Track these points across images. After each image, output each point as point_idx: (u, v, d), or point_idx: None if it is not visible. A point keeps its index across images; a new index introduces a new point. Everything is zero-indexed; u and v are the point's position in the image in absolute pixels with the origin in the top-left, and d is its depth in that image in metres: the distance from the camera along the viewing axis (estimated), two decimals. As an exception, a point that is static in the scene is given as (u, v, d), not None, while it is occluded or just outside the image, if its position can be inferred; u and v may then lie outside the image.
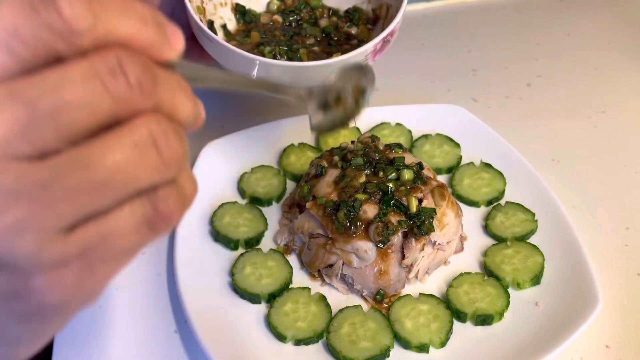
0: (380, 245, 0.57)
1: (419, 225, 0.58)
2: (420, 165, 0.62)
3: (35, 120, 0.22)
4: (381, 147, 0.64)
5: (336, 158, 0.63)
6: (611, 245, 0.65)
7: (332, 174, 0.62)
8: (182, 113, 0.27)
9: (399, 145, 0.64)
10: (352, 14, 0.72)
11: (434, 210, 0.59)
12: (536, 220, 0.64)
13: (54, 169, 0.23)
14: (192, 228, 0.64)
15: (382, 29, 0.63)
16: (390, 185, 0.59)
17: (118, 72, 0.24)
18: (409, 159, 0.64)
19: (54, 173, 0.23)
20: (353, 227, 0.58)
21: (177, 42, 0.27)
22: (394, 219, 0.58)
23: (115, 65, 0.24)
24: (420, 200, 0.59)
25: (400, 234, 0.58)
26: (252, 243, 0.64)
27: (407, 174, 0.60)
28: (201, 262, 0.62)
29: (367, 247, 0.57)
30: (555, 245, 0.62)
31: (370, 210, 0.58)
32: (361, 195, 0.59)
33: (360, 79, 0.50)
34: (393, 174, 0.60)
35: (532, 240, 0.63)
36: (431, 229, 0.58)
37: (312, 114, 0.48)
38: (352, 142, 0.66)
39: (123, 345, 0.57)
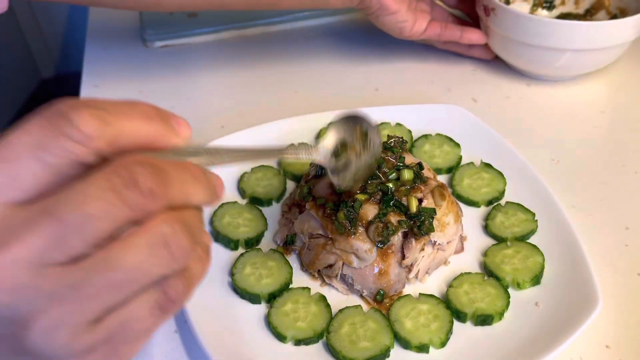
0: (380, 245, 0.57)
1: (419, 226, 0.58)
2: (420, 166, 0.62)
3: (66, 233, 0.27)
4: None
5: (336, 158, 0.63)
6: (611, 245, 0.65)
7: (332, 174, 0.62)
8: (195, 199, 0.31)
9: (401, 140, 0.64)
10: None
11: (434, 211, 0.59)
12: (536, 220, 0.64)
13: (83, 272, 0.28)
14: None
15: None
16: (390, 185, 0.59)
17: (131, 184, 0.28)
18: (409, 159, 0.64)
19: (83, 275, 0.28)
20: (353, 227, 0.58)
21: (183, 130, 0.33)
22: (394, 219, 0.58)
23: (128, 178, 0.28)
24: (420, 200, 0.59)
25: (400, 234, 0.58)
26: (252, 243, 0.64)
27: (407, 174, 0.60)
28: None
29: (367, 248, 0.57)
30: (556, 245, 0.62)
31: (370, 211, 0.58)
32: (361, 196, 0.59)
33: (356, 124, 0.53)
34: (393, 174, 0.60)
35: (532, 240, 0.63)
36: (431, 229, 0.58)
37: (330, 173, 0.51)
38: (353, 142, 0.65)
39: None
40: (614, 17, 0.83)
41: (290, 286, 0.60)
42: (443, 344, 0.55)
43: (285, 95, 0.89)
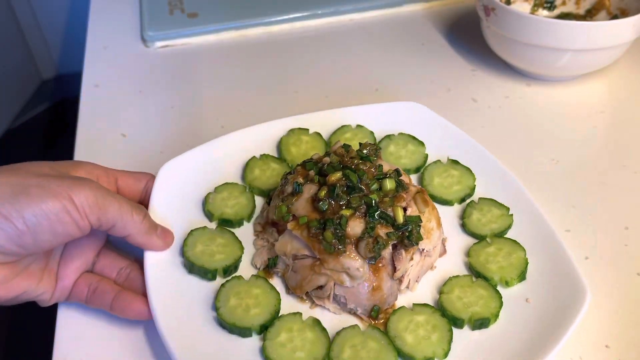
0: (372, 261, 0.56)
1: (408, 236, 0.56)
2: (397, 172, 0.61)
3: None
4: (353, 155, 0.62)
5: (312, 173, 0.60)
6: (611, 245, 0.65)
7: (309, 189, 0.60)
8: None
9: (375, 147, 0.62)
10: None
11: (419, 218, 0.58)
12: (511, 215, 0.65)
13: None
14: (162, 263, 0.59)
15: None
16: (374, 197, 0.57)
17: None
18: (385, 166, 0.62)
19: None
20: (342, 245, 0.55)
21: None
22: (381, 231, 0.56)
23: None
24: (404, 209, 0.58)
25: (390, 246, 0.56)
26: (230, 270, 0.60)
27: (390, 184, 0.58)
28: (179, 299, 0.57)
29: (358, 265, 0.55)
30: (533, 238, 0.63)
31: (357, 226, 0.56)
32: (346, 211, 0.56)
33: None
34: (375, 185, 0.58)
35: (510, 234, 0.64)
36: (420, 237, 0.57)
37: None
38: (327, 153, 0.63)
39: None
40: (614, 17, 0.83)
41: (280, 313, 0.57)
42: (446, 355, 0.54)
43: (284, 96, 0.87)
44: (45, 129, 1.88)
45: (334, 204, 0.57)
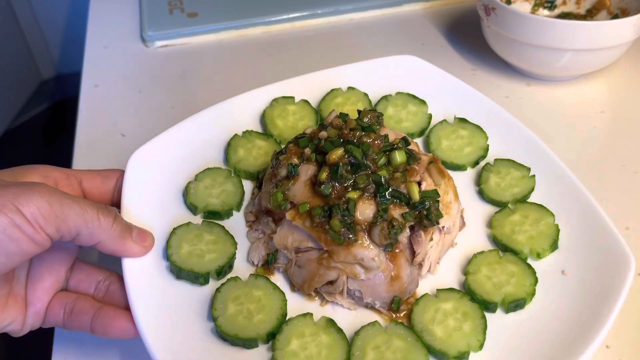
0: (388, 248, 0.48)
1: (427, 214, 0.49)
2: (405, 141, 0.53)
3: None
4: (353, 125, 0.53)
5: (307, 151, 0.52)
6: None
7: (307, 170, 0.51)
8: None
9: (377, 114, 0.54)
10: None
11: (436, 192, 0.50)
12: (533, 176, 0.58)
13: None
14: (145, 270, 0.51)
15: None
16: (383, 173, 0.49)
17: None
18: (391, 135, 0.54)
19: None
20: (352, 233, 0.48)
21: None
22: (395, 212, 0.49)
23: None
24: (419, 184, 0.50)
25: (407, 228, 0.49)
26: (224, 271, 0.52)
27: (400, 156, 0.50)
28: (168, 310, 0.49)
29: (373, 255, 0.48)
30: (560, 200, 0.56)
31: (367, 209, 0.48)
32: (353, 193, 0.48)
33: None
34: (382, 159, 0.50)
35: (534, 198, 0.57)
36: (439, 215, 0.50)
37: None
38: (321, 125, 0.54)
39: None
40: (615, 17, 0.82)
41: (287, 316, 0.50)
42: (482, 346, 0.48)
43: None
44: (45, 129, 1.88)
45: (337, 186, 0.49)
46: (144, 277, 0.50)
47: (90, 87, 0.83)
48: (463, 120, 0.63)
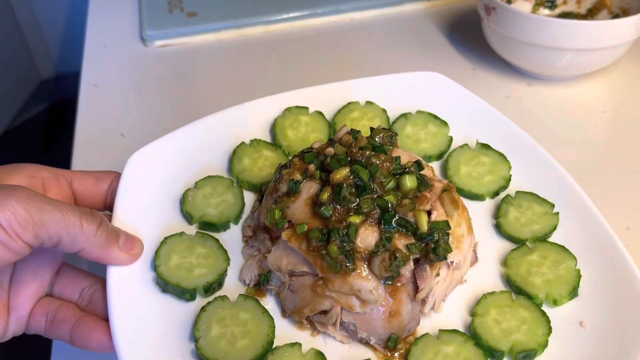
0: (388, 281, 0.44)
1: (434, 248, 0.45)
2: (419, 165, 0.49)
3: None
4: (364, 144, 0.49)
5: (312, 167, 0.48)
6: None
7: (309, 188, 0.48)
8: None
9: (390, 134, 0.50)
10: None
11: (447, 224, 0.46)
12: (557, 213, 0.53)
13: None
14: (129, 280, 0.48)
15: None
16: (390, 198, 0.45)
17: None
18: (403, 157, 0.50)
19: None
20: (350, 262, 0.44)
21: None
22: (400, 243, 0.45)
23: None
24: (428, 213, 0.46)
25: (411, 261, 0.45)
26: (213, 288, 0.49)
27: (410, 181, 0.46)
28: (149, 325, 0.46)
29: (371, 287, 0.44)
30: (585, 243, 0.51)
31: (369, 236, 0.44)
32: (355, 218, 0.45)
33: None
34: (391, 183, 0.46)
35: (555, 238, 0.52)
36: (448, 249, 0.45)
37: None
38: (330, 140, 0.51)
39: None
40: (615, 16, 0.82)
41: (275, 343, 0.46)
42: (483, 398, 0.43)
43: None
44: (44, 129, 1.90)
45: (339, 208, 0.45)
46: (128, 287, 0.47)
47: (90, 86, 0.83)
48: (486, 146, 0.59)
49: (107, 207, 0.52)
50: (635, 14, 0.71)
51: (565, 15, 0.85)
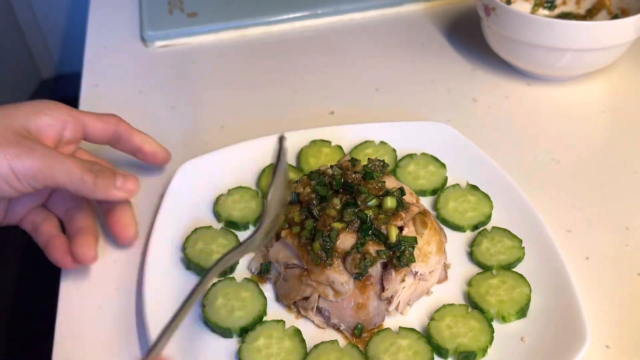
0: (357, 277, 0.55)
1: (399, 256, 0.55)
2: (402, 191, 0.59)
3: None
4: (359, 169, 0.61)
5: (313, 183, 0.60)
6: (611, 245, 0.63)
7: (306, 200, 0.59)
8: None
9: (382, 164, 0.61)
10: None
11: (414, 239, 0.56)
12: (523, 248, 0.62)
13: None
14: (163, 254, 0.61)
15: None
16: (369, 213, 0.56)
17: None
18: (390, 183, 0.61)
19: None
20: (329, 258, 0.55)
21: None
22: (372, 249, 0.55)
23: None
24: (400, 229, 0.56)
25: (379, 264, 0.55)
26: (226, 271, 0.61)
27: (390, 202, 0.57)
28: (171, 290, 0.59)
29: (343, 280, 0.55)
30: (543, 275, 0.59)
31: (348, 240, 0.55)
32: (338, 224, 0.56)
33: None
34: (373, 201, 0.57)
35: (519, 269, 0.61)
36: (411, 259, 0.55)
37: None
38: (332, 166, 0.63)
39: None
40: (615, 17, 0.83)
41: (265, 318, 0.57)
42: (422, 384, 0.52)
43: (284, 96, 0.86)
44: None
45: (320, 215, 0.57)
46: (160, 261, 0.61)
47: (90, 87, 0.84)
48: (474, 187, 0.68)
49: (112, 144, 0.66)
50: (635, 14, 0.71)
51: (565, 15, 0.85)
